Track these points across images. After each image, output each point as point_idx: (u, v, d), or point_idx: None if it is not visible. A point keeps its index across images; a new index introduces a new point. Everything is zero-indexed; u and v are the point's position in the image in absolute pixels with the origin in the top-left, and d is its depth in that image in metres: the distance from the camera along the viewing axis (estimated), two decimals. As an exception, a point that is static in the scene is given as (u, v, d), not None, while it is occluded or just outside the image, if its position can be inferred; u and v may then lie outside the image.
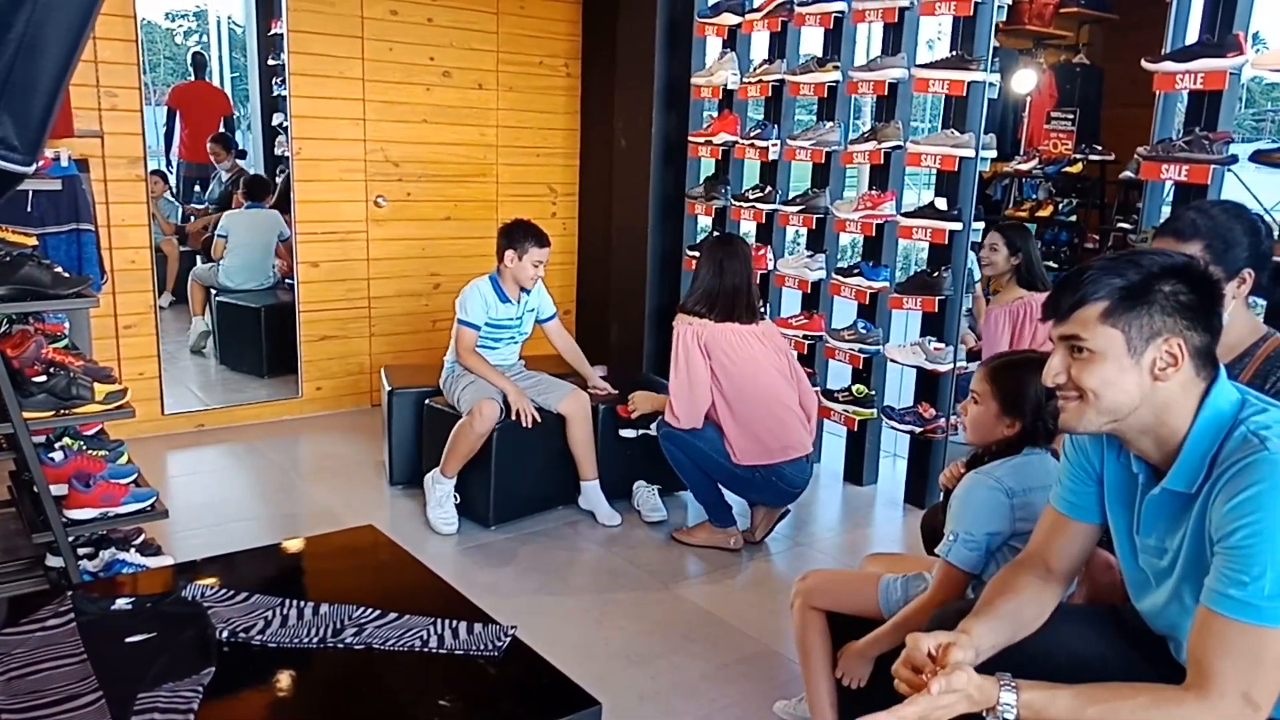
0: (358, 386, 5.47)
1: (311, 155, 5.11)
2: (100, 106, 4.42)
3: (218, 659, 1.71)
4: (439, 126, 5.46)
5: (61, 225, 3.87)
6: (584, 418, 3.97)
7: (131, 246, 4.63)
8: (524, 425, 3.81)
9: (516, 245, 3.94)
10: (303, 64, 5.00)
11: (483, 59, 5.55)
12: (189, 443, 4.87)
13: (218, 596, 1.91)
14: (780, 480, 3.67)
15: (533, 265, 3.95)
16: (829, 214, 4.52)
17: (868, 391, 4.44)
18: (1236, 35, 3.21)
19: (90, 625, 1.79)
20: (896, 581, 2.23)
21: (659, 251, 5.45)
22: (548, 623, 3.19)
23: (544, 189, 5.95)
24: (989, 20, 3.95)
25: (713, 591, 3.48)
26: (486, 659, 1.78)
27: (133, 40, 4.47)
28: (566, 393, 4.00)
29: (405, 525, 3.93)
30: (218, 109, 6.84)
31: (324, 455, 4.79)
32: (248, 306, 5.77)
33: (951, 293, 4.13)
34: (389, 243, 5.42)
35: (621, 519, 3.99)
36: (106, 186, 4.49)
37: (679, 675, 2.92)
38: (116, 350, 4.66)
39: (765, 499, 3.80)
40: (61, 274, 2.91)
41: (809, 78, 4.49)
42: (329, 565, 2.32)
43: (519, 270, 3.95)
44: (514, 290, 4.02)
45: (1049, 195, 7.15)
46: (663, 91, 5.30)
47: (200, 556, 3.10)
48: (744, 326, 3.64)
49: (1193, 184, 3.32)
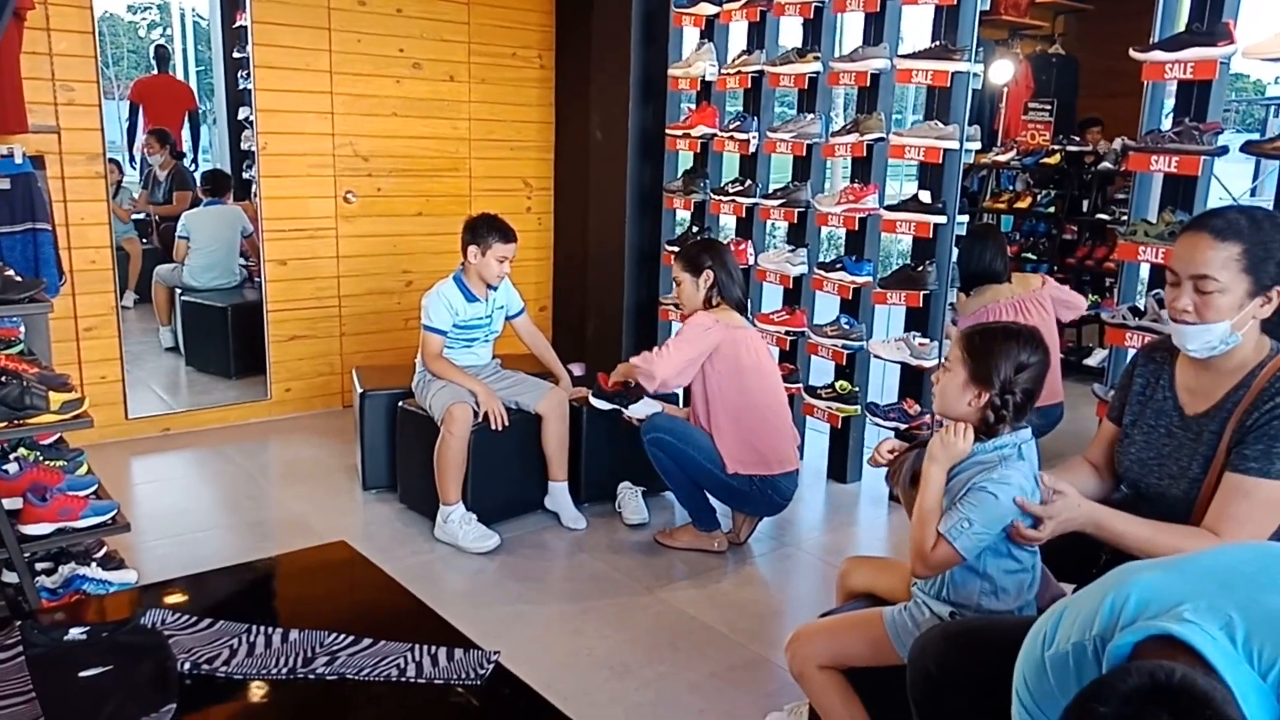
0: (328, 388, 5.34)
1: (278, 150, 4.96)
2: (56, 101, 4.26)
3: (179, 693, 1.60)
4: (409, 120, 5.33)
5: (16, 225, 3.71)
6: (560, 416, 3.87)
7: (91, 246, 4.48)
8: (493, 427, 3.71)
9: (480, 241, 3.81)
10: (268, 56, 4.85)
11: (454, 50, 5.42)
12: (154, 448, 4.72)
13: (179, 623, 1.80)
14: (774, 492, 3.58)
15: (497, 261, 3.81)
16: (810, 208, 4.43)
17: (851, 388, 4.37)
18: (1226, 23, 3.15)
19: (40, 659, 1.67)
20: (904, 614, 2.10)
21: (636, 247, 5.35)
22: (527, 633, 3.09)
23: (518, 183, 5.83)
24: (972, 10, 3.87)
25: (698, 596, 3.39)
26: (468, 688, 1.68)
27: (89, 32, 4.31)
28: (545, 392, 3.89)
29: (379, 533, 3.81)
30: (181, 103, 6.66)
31: (294, 460, 4.66)
32: (214, 306, 5.63)
33: (936, 287, 4.06)
34: (359, 239, 5.28)
35: (588, 523, 3.90)
36: (64, 184, 4.33)
37: (666, 686, 2.83)
38: (77, 353, 4.50)
39: (754, 510, 3.72)
40: (13, 277, 2.79)
41: (789, 69, 4.40)
42: (299, 586, 2.20)
43: (484, 267, 3.82)
44: (480, 288, 3.89)
45: (1027, 186, 7.13)
46: (639, 83, 5.20)
47: (165, 570, 3.01)
48: (750, 333, 3.58)
49: (1183, 175, 3.26)
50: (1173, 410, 2.04)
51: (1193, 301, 1.88)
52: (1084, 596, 1.30)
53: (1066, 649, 1.25)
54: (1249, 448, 1.88)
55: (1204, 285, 1.86)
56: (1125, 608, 1.21)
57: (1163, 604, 1.18)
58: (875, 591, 2.32)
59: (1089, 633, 1.23)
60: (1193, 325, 1.90)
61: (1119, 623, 1.20)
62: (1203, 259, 1.86)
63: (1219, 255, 1.85)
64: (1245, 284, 1.86)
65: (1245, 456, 1.88)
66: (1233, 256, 1.84)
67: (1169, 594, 1.19)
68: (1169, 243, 3.23)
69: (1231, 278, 1.85)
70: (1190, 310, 1.89)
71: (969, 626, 1.93)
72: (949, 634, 1.88)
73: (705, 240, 3.97)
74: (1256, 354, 1.96)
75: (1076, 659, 1.23)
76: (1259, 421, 1.88)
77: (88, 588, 2.84)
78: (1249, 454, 1.88)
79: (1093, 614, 1.24)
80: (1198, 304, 1.88)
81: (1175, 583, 1.22)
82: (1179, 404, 2.04)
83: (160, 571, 2.98)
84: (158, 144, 6.25)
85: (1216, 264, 1.85)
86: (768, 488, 3.56)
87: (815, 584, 3.55)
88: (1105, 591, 1.25)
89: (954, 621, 1.98)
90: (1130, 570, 1.31)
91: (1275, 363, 1.93)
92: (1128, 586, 1.24)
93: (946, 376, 2.04)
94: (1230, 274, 1.85)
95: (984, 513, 1.90)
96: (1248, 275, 1.85)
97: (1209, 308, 1.87)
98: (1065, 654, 1.25)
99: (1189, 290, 1.89)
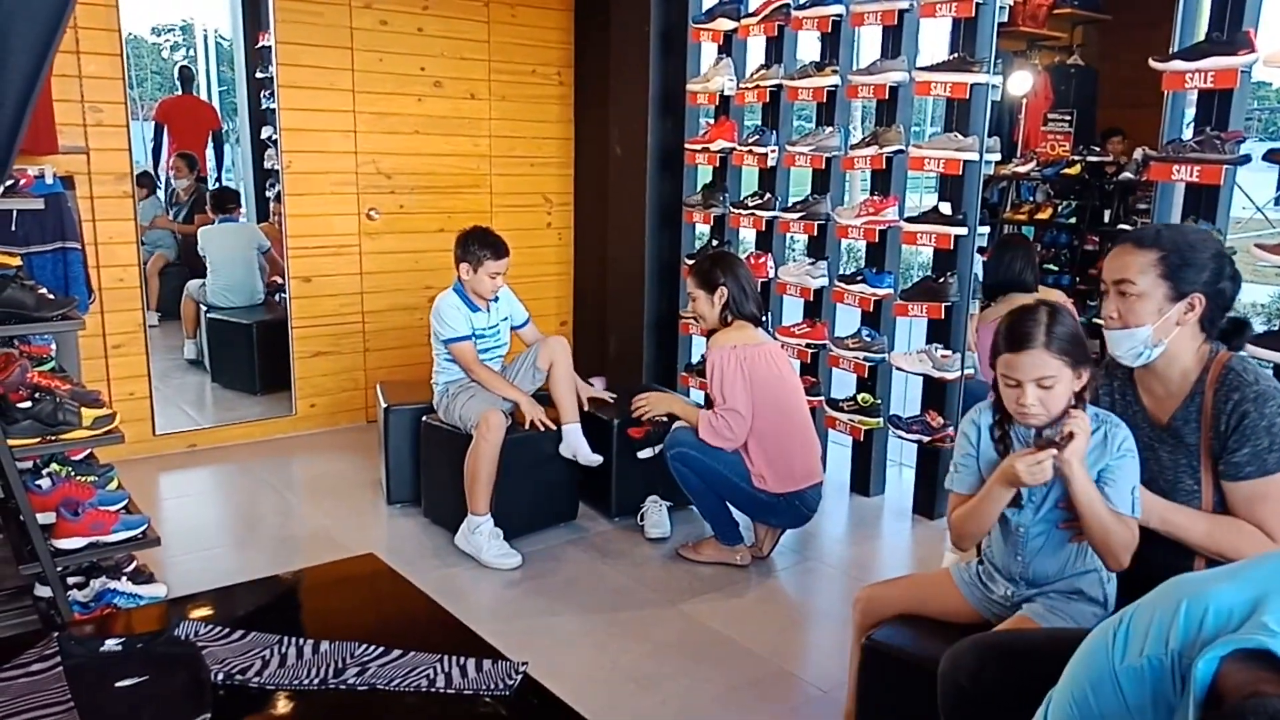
0: (352, 403, 5.38)
1: (302, 168, 5.02)
2: (85, 122, 4.33)
3: (213, 704, 1.62)
4: (431, 137, 5.38)
5: (47, 244, 3.77)
6: (564, 360, 3.91)
7: (119, 264, 4.54)
8: (540, 430, 3.78)
9: (471, 258, 3.79)
10: (291, 76, 4.92)
11: (474, 68, 5.47)
12: (181, 464, 4.77)
13: (212, 635, 1.82)
14: (802, 505, 3.59)
15: (490, 278, 3.81)
16: (830, 220, 4.44)
17: (873, 400, 4.36)
18: (1247, 32, 3.14)
19: (77, 669, 1.69)
20: (969, 571, 2.22)
21: (656, 261, 5.37)
22: (553, 645, 3.10)
23: (539, 199, 5.87)
24: (990, 21, 3.88)
25: (721, 610, 3.39)
26: (497, 698, 1.69)
27: (118, 54, 4.39)
28: (539, 348, 3.94)
29: (404, 546, 3.83)
30: (205, 123, 6.75)
31: (319, 475, 4.70)
32: (239, 323, 5.68)
33: (958, 299, 4.05)
34: (382, 256, 5.33)
35: (603, 459, 3.89)
36: (93, 203, 4.40)
37: (690, 699, 2.83)
38: (106, 370, 4.56)
39: (779, 522, 3.72)
40: (46, 295, 2.83)
41: (807, 82, 4.42)
42: (328, 598, 2.22)
43: (476, 284, 3.82)
44: (480, 299, 3.91)
45: (1047, 198, 7.10)
46: (658, 98, 5.23)
47: (194, 584, 3.03)
48: (771, 347, 3.58)
49: (1205, 185, 3.24)
50: (1144, 421, 2.08)
51: (1116, 307, 1.99)
52: (1149, 607, 1.25)
53: (1140, 664, 1.20)
54: (1235, 455, 1.92)
55: (1124, 289, 1.97)
56: (1205, 621, 1.17)
57: (1240, 614, 1.15)
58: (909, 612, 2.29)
59: (1166, 646, 1.18)
60: (1118, 330, 1.99)
61: (1199, 638, 1.16)
62: (1122, 264, 1.98)
63: (1137, 261, 1.95)
64: (1164, 289, 1.94)
65: (1238, 465, 1.92)
66: (1150, 262, 1.94)
67: (1242, 603, 1.16)
68: (1191, 252, 3.21)
69: (1150, 283, 1.94)
70: (1115, 316, 1.99)
71: (1001, 639, 1.93)
72: (981, 647, 1.87)
73: (718, 253, 3.97)
74: (1199, 362, 2.00)
75: (1154, 674, 1.19)
76: (1231, 425, 1.92)
77: (119, 601, 2.86)
78: (1239, 460, 1.92)
79: (1167, 627, 1.19)
80: (1120, 309, 1.98)
81: (1243, 590, 1.18)
82: (1149, 414, 2.08)
83: (188, 585, 3.01)
84: (186, 168, 6.36)
85: (1134, 269, 1.95)
86: (795, 500, 3.56)
87: (838, 598, 3.54)
88: (1176, 603, 1.21)
89: (984, 634, 1.98)
90: (1200, 581, 1.27)
91: (1217, 362, 1.98)
92: (1204, 599, 1.19)
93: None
94: (1149, 279, 1.94)
95: (1133, 471, 1.97)
96: (1166, 280, 1.94)
97: (1130, 312, 1.97)
98: (1139, 668, 1.20)
99: (1114, 295, 1.99)
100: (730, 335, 3.55)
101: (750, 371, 3.48)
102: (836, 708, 2.70)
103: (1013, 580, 2.11)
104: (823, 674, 2.98)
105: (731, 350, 3.50)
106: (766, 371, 3.51)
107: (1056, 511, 2.03)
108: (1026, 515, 2.06)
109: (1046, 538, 2.05)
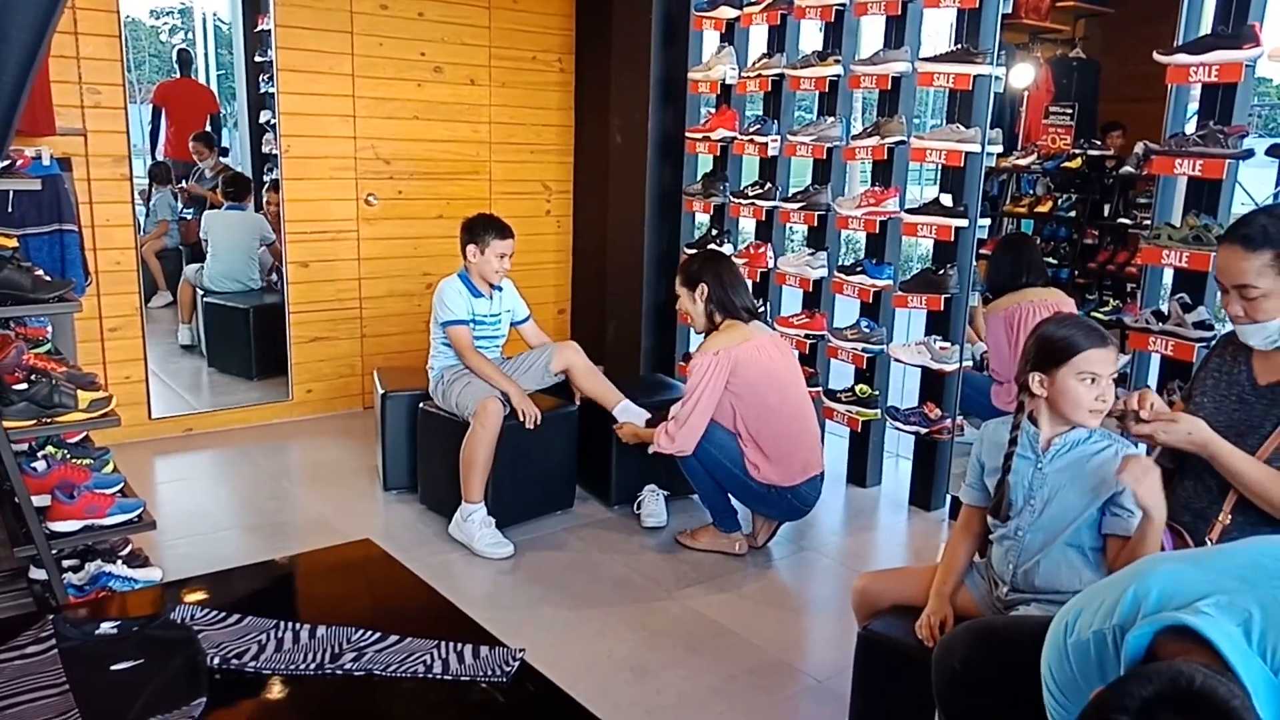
0: (349, 389, 5.36)
1: (300, 153, 4.99)
2: (83, 104, 4.30)
3: (209, 687, 1.61)
4: (430, 123, 5.36)
5: (43, 226, 3.75)
6: (581, 363, 3.93)
7: (116, 247, 4.51)
8: (528, 427, 3.72)
9: (478, 239, 3.86)
10: (291, 60, 4.89)
11: (474, 54, 5.44)
12: (177, 448, 4.75)
13: (208, 619, 1.81)
14: (796, 499, 3.58)
15: (497, 258, 3.86)
16: (830, 211, 4.43)
17: (871, 392, 4.36)
18: (1252, 26, 3.13)
19: (73, 652, 1.69)
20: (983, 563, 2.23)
21: (656, 249, 5.36)
22: (548, 634, 3.10)
23: (538, 186, 5.85)
24: (994, 13, 3.86)
25: (718, 599, 3.39)
26: (494, 685, 1.68)
27: (116, 36, 4.36)
28: (553, 352, 3.93)
29: (400, 533, 3.83)
30: (204, 107, 6.71)
31: (315, 460, 4.69)
32: (236, 308, 5.66)
33: (957, 291, 4.04)
34: (380, 242, 5.31)
35: (651, 415, 3.86)
36: (90, 186, 4.37)
37: (686, 688, 2.83)
38: (102, 353, 4.54)
39: (776, 514, 3.71)
40: (43, 277, 2.81)
41: (809, 72, 4.40)
42: (325, 583, 2.21)
43: (483, 265, 3.86)
44: (484, 285, 3.93)
45: (1048, 191, 7.09)
46: (659, 86, 5.20)
47: (189, 568, 3.02)
48: (762, 340, 3.55)
49: (1207, 179, 3.24)
50: (1246, 380, 2.13)
51: (1242, 306, 2.04)
52: (1107, 585, 1.32)
53: (1087, 637, 1.27)
54: None
55: (1246, 293, 2.01)
56: (1147, 599, 1.23)
57: (1185, 596, 1.19)
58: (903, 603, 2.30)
59: (1109, 621, 1.25)
60: (1248, 325, 2.05)
61: (1140, 613, 1.22)
62: (1239, 270, 2.00)
63: (1253, 265, 1.98)
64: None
65: None
66: (1266, 263, 1.98)
67: (1191, 587, 1.21)
68: (1193, 246, 3.22)
69: (1271, 283, 1.98)
70: (1241, 314, 2.04)
71: (994, 625, 1.94)
72: (974, 632, 1.88)
73: (706, 252, 3.98)
74: None
75: (1097, 647, 1.26)
76: None
77: (114, 585, 2.86)
78: None
79: (1114, 603, 1.25)
80: (1246, 308, 2.03)
81: (1199, 576, 1.23)
82: (1253, 375, 2.13)
83: (183, 569, 3.00)
84: (206, 148, 6.34)
85: (1252, 273, 1.99)
86: (789, 494, 3.56)
87: (835, 588, 3.54)
88: (1128, 581, 1.27)
89: (977, 620, 1.99)
90: (1154, 561, 1.34)
91: None
92: (1150, 578, 1.25)
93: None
94: (1268, 279, 1.98)
95: None
96: None
97: (1257, 310, 2.02)
98: (1086, 642, 1.27)
99: (1236, 298, 2.04)
100: (717, 340, 3.54)
101: (737, 373, 3.47)
102: (832, 697, 2.71)
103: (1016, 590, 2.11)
104: (818, 664, 2.98)
105: (713, 356, 3.48)
106: (757, 368, 3.49)
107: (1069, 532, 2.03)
108: (1025, 518, 2.06)
109: (1043, 550, 2.05)
